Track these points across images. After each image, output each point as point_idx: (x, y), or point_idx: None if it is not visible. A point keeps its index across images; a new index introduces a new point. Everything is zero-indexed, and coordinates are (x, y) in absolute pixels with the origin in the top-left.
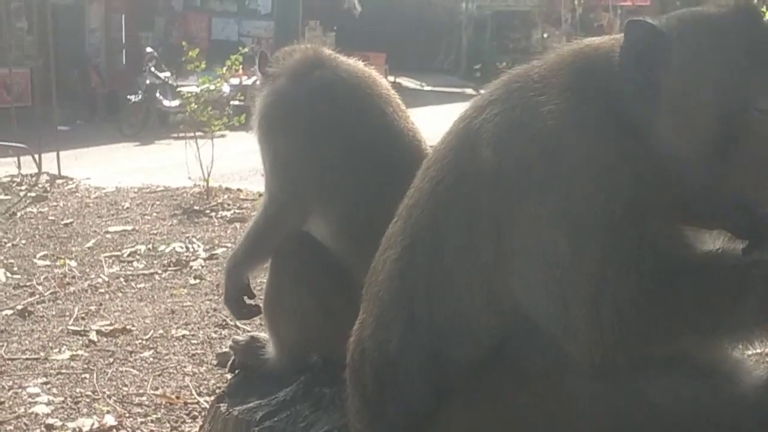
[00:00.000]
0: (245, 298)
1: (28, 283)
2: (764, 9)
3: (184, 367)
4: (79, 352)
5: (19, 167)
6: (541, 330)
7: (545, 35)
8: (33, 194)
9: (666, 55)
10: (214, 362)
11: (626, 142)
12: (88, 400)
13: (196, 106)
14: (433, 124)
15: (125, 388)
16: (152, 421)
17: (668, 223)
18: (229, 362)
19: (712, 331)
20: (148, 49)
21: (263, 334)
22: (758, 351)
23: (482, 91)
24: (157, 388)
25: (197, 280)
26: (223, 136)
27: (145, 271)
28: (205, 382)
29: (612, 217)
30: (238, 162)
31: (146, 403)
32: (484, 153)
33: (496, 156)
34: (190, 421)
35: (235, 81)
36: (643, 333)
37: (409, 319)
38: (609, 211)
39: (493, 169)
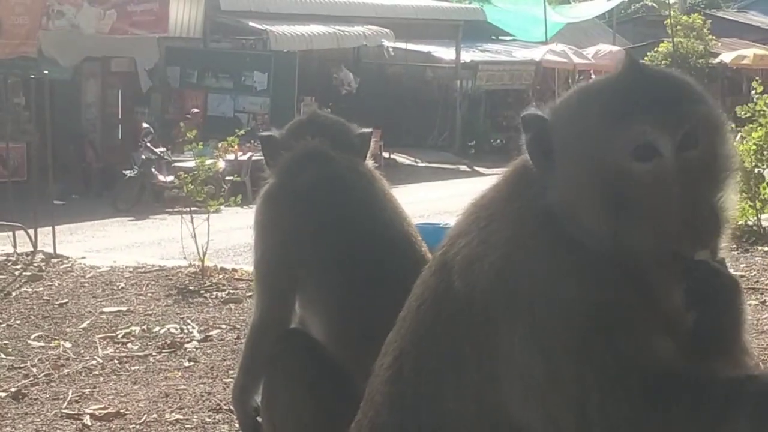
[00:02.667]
0: (258, 418)
1: (22, 365)
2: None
3: None
4: None
5: (14, 245)
6: None
7: None
8: (28, 273)
9: (552, 137)
10: None
11: (570, 253)
12: None
13: (192, 187)
14: (427, 200)
15: None
16: None
17: (647, 330)
18: None
19: None
20: (144, 125)
21: None
22: None
23: (477, 168)
24: None
25: (191, 363)
26: (218, 211)
27: (140, 353)
28: None
29: (579, 337)
30: (232, 237)
31: None
32: (456, 285)
33: (465, 289)
34: None
35: (231, 157)
36: None
37: (400, 425)
38: (575, 333)
39: (464, 302)
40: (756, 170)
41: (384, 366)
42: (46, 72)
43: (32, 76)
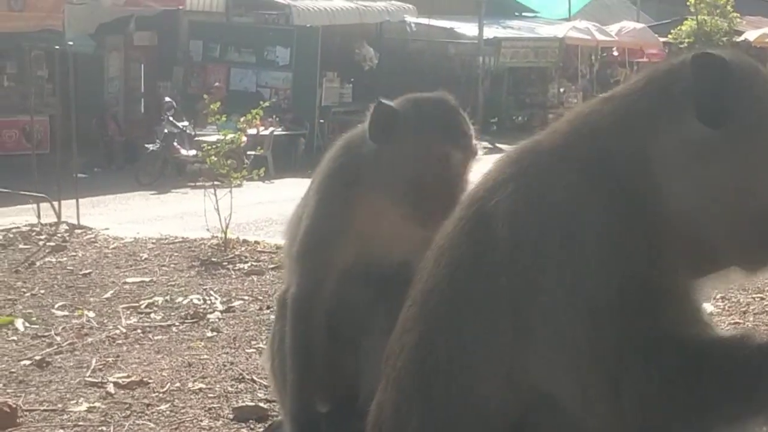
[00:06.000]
0: None
1: (46, 334)
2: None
3: (201, 421)
4: (97, 404)
5: (38, 216)
6: (561, 409)
7: (562, 90)
8: (52, 243)
9: (739, 95)
10: (231, 416)
11: (642, 215)
12: None
13: (216, 159)
14: None
15: None
16: None
17: (684, 300)
18: None
19: (734, 415)
20: (167, 99)
21: None
22: None
23: (499, 145)
24: None
25: (214, 333)
26: (239, 185)
27: (163, 323)
28: None
29: (626, 300)
30: (253, 212)
31: None
32: (502, 232)
33: (513, 233)
34: None
35: (252, 131)
36: (666, 418)
37: (428, 403)
38: (623, 295)
39: (510, 246)
40: None
41: (409, 345)
42: (70, 43)
43: (56, 47)
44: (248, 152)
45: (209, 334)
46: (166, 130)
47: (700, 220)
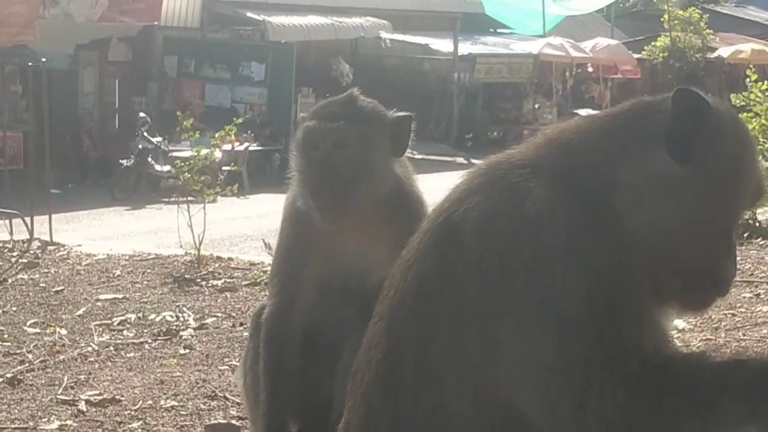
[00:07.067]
0: None
1: (17, 351)
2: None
3: None
4: (68, 422)
5: (11, 232)
6: (529, 425)
7: (536, 106)
8: (24, 260)
9: (712, 138)
10: None
11: (609, 232)
12: None
13: (189, 176)
14: (424, 192)
15: None
16: None
17: (647, 318)
18: None
19: (697, 430)
20: (141, 114)
21: None
22: None
23: (474, 161)
24: None
25: (187, 350)
26: (213, 201)
27: (135, 340)
28: None
29: (594, 314)
30: (228, 228)
31: None
32: (469, 241)
33: (481, 242)
34: None
35: (227, 147)
36: None
37: (395, 420)
38: (591, 309)
39: (478, 255)
40: None
41: (376, 359)
42: (43, 60)
43: (29, 64)
44: (223, 168)
45: (182, 351)
46: (140, 146)
47: (654, 250)
